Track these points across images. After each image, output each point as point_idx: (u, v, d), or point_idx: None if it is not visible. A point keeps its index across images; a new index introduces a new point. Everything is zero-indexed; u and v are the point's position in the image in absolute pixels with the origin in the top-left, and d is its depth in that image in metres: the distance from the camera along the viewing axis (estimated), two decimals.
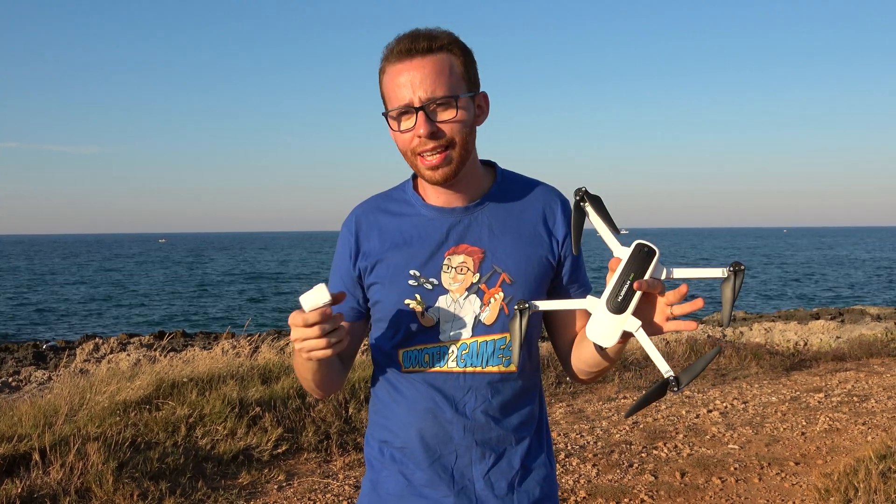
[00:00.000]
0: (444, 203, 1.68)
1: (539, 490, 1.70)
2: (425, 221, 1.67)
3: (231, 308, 34.28)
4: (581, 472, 5.28)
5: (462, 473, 1.65)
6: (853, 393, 7.78)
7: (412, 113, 1.55)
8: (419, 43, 1.54)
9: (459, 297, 1.64)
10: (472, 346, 1.63)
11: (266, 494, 4.76)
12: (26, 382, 10.49)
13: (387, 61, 1.58)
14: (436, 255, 1.65)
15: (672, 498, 4.81)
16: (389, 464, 1.69)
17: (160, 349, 7.93)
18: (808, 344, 12.09)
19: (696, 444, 5.93)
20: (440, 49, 1.56)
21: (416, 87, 1.53)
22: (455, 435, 1.64)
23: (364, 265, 1.68)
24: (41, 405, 5.28)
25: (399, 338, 1.66)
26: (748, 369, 9.00)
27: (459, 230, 1.66)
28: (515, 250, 1.66)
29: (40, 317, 30.69)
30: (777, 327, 16.82)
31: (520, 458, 1.69)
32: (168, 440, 5.11)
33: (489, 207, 1.69)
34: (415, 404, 1.66)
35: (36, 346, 18.94)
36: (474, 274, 1.64)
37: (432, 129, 1.54)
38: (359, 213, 1.73)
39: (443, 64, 1.55)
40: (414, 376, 1.66)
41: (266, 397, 5.85)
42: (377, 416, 1.74)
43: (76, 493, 4.35)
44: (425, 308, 1.63)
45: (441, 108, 1.55)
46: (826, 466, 5.28)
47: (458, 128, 1.57)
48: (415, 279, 1.64)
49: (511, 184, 1.74)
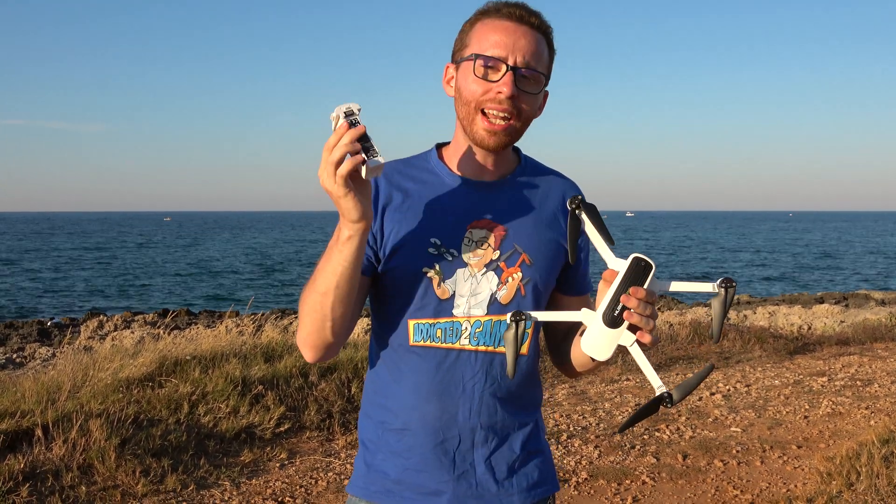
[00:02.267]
0: (472, 175, 1.65)
1: (538, 473, 1.69)
2: (450, 191, 1.64)
3: (235, 287, 34.34)
4: (583, 453, 5.28)
5: (463, 458, 1.61)
6: (856, 377, 7.76)
7: (501, 68, 1.53)
8: (531, 17, 1.57)
9: (478, 272, 1.60)
10: (486, 324, 1.60)
11: (268, 472, 4.77)
12: (30, 359, 10.52)
13: (489, 15, 1.58)
14: (458, 227, 1.61)
15: (674, 480, 4.81)
16: (385, 446, 1.64)
17: (164, 327, 7.93)
18: (812, 328, 12.07)
19: (699, 427, 5.93)
20: (546, 33, 1.59)
21: (518, 49, 1.54)
22: (460, 417, 1.60)
23: (382, 226, 1.61)
24: (44, 381, 5.29)
25: (412, 308, 1.60)
26: (752, 352, 8.98)
27: (484, 205, 1.63)
28: (536, 232, 1.64)
29: (46, 293, 30.79)
30: (781, 311, 16.78)
31: (521, 442, 1.66)
32: (171, 417, 5.12)
33: (514, 186, 1.67)
34: (420, 385, 1.60)
35: (41, 322, 18.97)
36: (494, 251, 1.61)
37: (515, 93, 1.53)
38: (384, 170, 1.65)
39: (543, 46, 1.58)
40: (421, 352, 1.60)
41: (269, 376, 5.85)
42: (376, 396, 1.68)
43: (78, 469, 4.36)
44: (442, 278, 1.59)
45: (529, 81, 1.56)
46: (828, 450, 5.27)
47: (532, 104, 1.58)
48: (435, 248, 1.60)
49: (534, 169, 1.73)
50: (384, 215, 1.61)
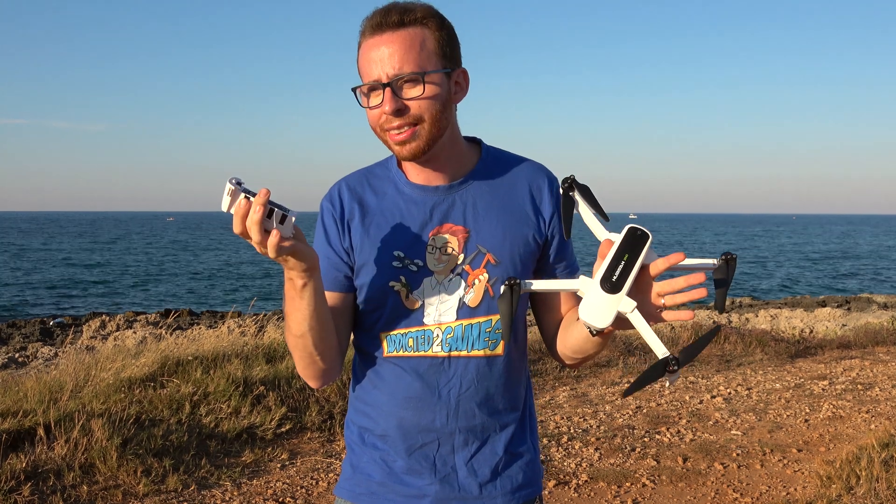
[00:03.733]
0: (426, 181, 1.62)
1: (522, 475, 1.68)
2: (408, 200, 1.62)
3: (236, 288, 34.36)
4: (583, 455, 5.29)
5: (444, 461, 1.62)
6: (857, 381, 7.76)
7: (380, 89, 1.50)
8: (390, 17, 1.49)
9: (444, 278, 1.59)
10: (458, 329, 1.59)
11: (269, 473, 4.78)
12: (33, 358, 10.55)
13: (362, 36, 1.53)
14: (420, 236, 1.60)
15: (674, 483, 4.82)
16: (370, 450, 1.66)
17: (166, 327, 7.96)
18: (814, 331, 12.06)
19: (699, 430, 5.93)
20: (413, 23, 1.50)
21: (385, 63, 1.48)
22: (438, 422, 1.60)
23: (353, 240, 1.63)
24: (47, 381, 5.31)
25: (383, 321, 1.61)
26: (753, 356, 8.99)
27: (443, 209, 1.61)
28: (501, 230, 1.61)
29: (48, 293, 30.83)
30: (783, 314, 16.79)
31: (503, 444, 1.65)
32: (172, 418, 5.14)
33: (474, 185, 1.64)
34: (396, 392, 1.61)
35: (43, 322, 19.02)
36: (459, 254, 1.60)
37: (398, 106, 1.49)
38: (342, 185, 1.67)
39: (413, 39, 1.50)
40: (397, 361, 1.61)
41: (270, 376, 5.87)
42: (357, 402, 1.69)
43: (80, 469, 4.38)
44: (410, 290, 1.59)
45: (409, 85, 1.50)
46: (829, 454, 5.28)
47: (427, 104, 1.51)
48: (399, 261, 1.59)
49: (497, 161, 1.68)
50: (350, 231, 1.63)
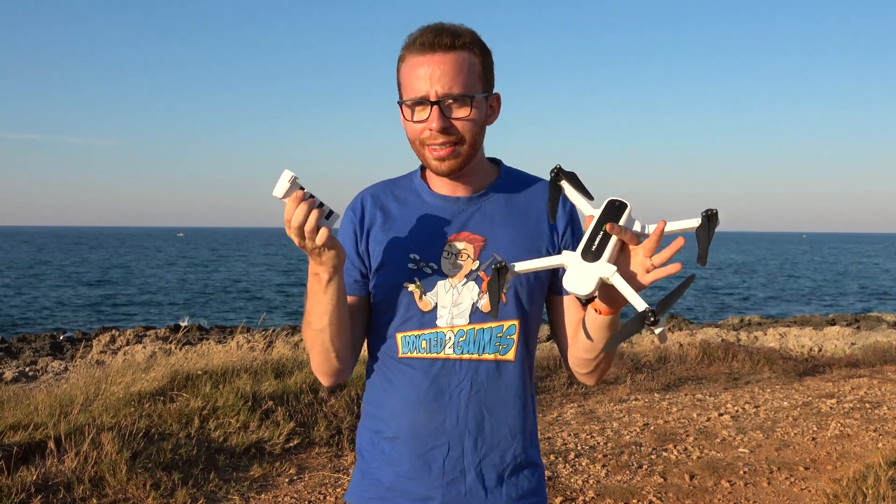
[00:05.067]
0: (448, 192, 1.70)
1: (528, 484, 1.71)
2: (429, 208, 1.69)
3: (246, 305, 34.42)
4: (590, 472, 5.29)
5: (453, 465, 1.65)
6: (865, 399, 7.73)
7: (427, 105, 1.57)
8: (443, 38, 1.56)
9: (458, 283, 1.65)
10: (469, 333, 1.64)
11: (277, 488, 4.80)
12: (43, 372, 10.61)
13: (408, 51, 1.60)
14: (437, 241, 1.66)
15: (681, 500, 4.81)
16: (380, 455, 1.70)
17: (175, 342, 7.99)
18: (823, 350, 12.03)
19: (707, 447, 5.92)
20: (462, 47, 1.58)
21: (435, 81, 1.55)
22: (448, 424, 1.64)
23: (367, 247, 1.70)
24: (57, 395, 5.35)
25: (397, 321, 1.67)
26: (761, 374, 8.96)
27: (462, 218, 1.68)
28: (517, 240, 1.67)
29: (59, 308, 30.96)
30: (792, 332, 16.73)
31: (512, 452, 1.69)
32: (181, 432, 5.16)
33: (493, 198, 1.71)
34: (408, 395, 1.66)
35: (53, 336, 19.10)
36: (474, 261, 1.65)
37: (445, 125, 1.57)
38: (365, 195, 1.75)
39: (463, 62, 1.57)
40: (410, 362, 1.66)
41: (279, 391, 5.90)
42: (370, 406, 1.74)
43: (90, 482, 4.41)
44: (423, 292, 1.65)
45: (456, 106, 1.58)
46: (836, 472, 5.26)
47: (470, 126, 1.59)
48: (414, 263, 1.65)
49: (514, 179, 1.76)
50: (369, 236, 1.70)
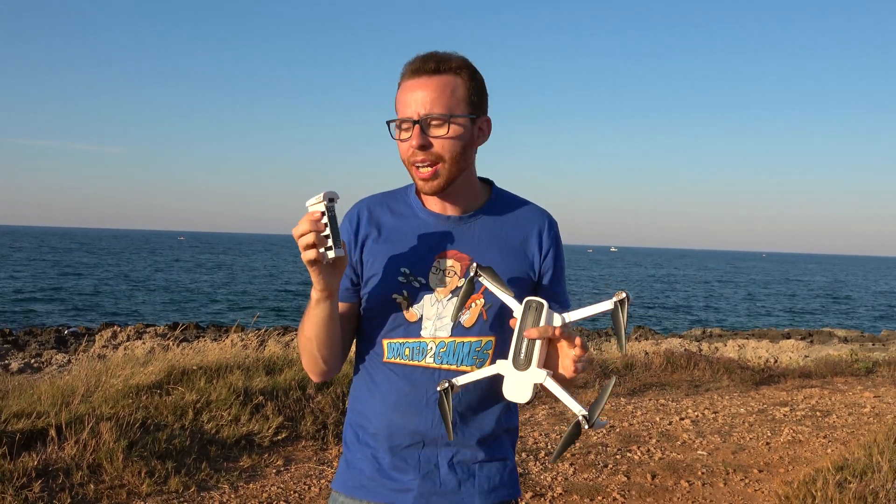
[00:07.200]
0: (440, 210, 1.71)
1: (499, 477, 1.73)
2: (421, 225, 1.70)
3: (241, 304, 34.23)
4: (559, 470, 5.30)
5: (428, 459, 1.68)
6: (816, 408, 7.79)
7: (410, 125, 1.61)
8: (429, 63, 1.60)
9: (443, 297, 1.66)
10: (450, 345, 1.66)
11: (265, 478, 4.78)
12: (47, 364, 10.52)
13: (402, 77, 1.64)
14: (426, 257, 1.68)
15: (642, 498, 4.83)
16: (363, 447, 1.72)
17: (173, 339, 7.95)
18: (778, 361, 12.11)
19: (668, 449, 5.95)
20: (448, 71, 1.61)
21: (419, 103, 1.59)
22: (423, 427, 1.66)
23: (361, 257, 1.71)
24: (60, 385, 5.30)
25: (385, 328, 1.68)
26: (720, 382, 9.02)
27: (451, 237, 1.69)
28: (501, 261, 1.68)
29: (64, 304, 30.68)
30: (750, 344, 16.84)
31: (484, 449, 1.71)
32: (176, 423, 5.14)
33: (482, 220, 1.72)
34: (388, 396, 1.68)
35: (58, 331, 18.95)
36: (460, 278, 1.67)
37: (423, 143, 1.60)
38: (362, 206, 1.76)
39: (446, 85, 1.60)
40: (393, 367, 1.68)
41: (269, 387, 5.87)
42: (355, 403, 1.77)
43: (88, 469, 4.38)
44: (410, 303, 1.66)
45: (436, 124, 1.60)
46: (787, 475, 5.30)
47: (449, 144, 1.61)
48: (404, 276, 1.67)
49: (504, 201, 1.77)
50: (363, 247, 1.71)
